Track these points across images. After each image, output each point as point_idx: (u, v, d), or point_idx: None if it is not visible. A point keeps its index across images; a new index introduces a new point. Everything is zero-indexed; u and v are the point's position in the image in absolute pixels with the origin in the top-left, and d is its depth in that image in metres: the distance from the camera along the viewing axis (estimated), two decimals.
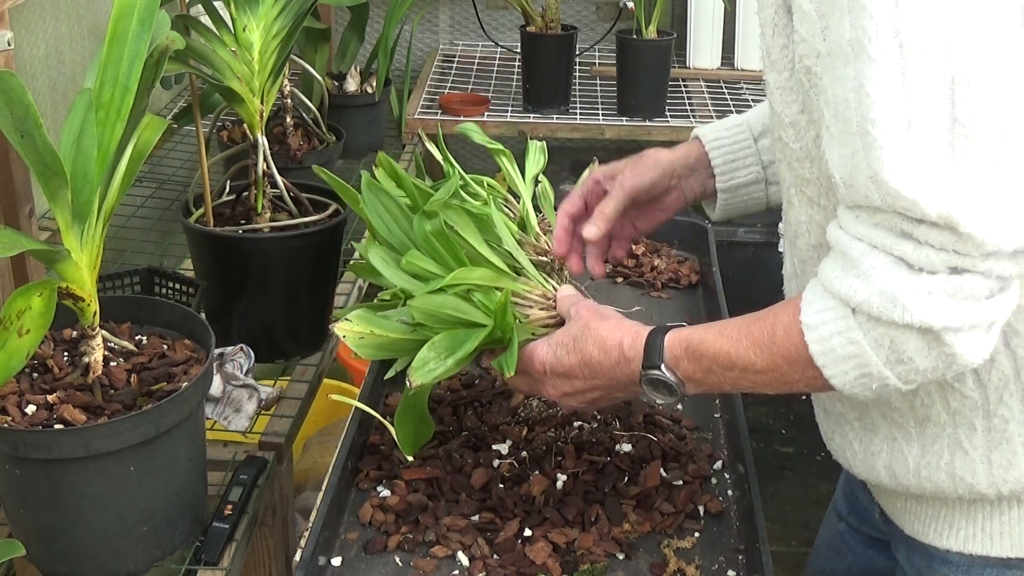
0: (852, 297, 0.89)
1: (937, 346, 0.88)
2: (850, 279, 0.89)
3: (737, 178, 1.26)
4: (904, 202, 0.83)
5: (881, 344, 0.89)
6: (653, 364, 1.05)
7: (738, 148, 1.26)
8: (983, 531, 1.05)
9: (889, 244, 0.87)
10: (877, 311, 0.87)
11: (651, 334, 1.06)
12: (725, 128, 1.28)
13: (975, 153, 0.82)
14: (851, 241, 0.90)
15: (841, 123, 0.86)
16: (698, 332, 1.04)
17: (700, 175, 1.28)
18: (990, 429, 1.00)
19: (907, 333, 0.87)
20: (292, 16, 1.44)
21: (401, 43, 2.66)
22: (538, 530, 1.18)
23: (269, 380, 1.58)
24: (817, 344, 0.92)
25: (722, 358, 1.00)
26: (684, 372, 1.04)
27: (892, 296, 0.86)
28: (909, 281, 0.86)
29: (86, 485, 1.08)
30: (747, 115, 1.29)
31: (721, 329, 1.02)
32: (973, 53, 0.81)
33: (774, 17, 0.96)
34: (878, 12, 0.82)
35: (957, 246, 0.84)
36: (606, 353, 1.08)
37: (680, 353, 1.04)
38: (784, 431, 3.10)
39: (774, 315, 0.97)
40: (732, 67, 2.99)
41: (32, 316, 0.99)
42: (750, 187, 1.27)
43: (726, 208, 1.29)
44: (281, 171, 1.52)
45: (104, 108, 1.05)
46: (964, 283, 0.85)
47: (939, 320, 0.86)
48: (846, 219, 0.91)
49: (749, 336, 0.98)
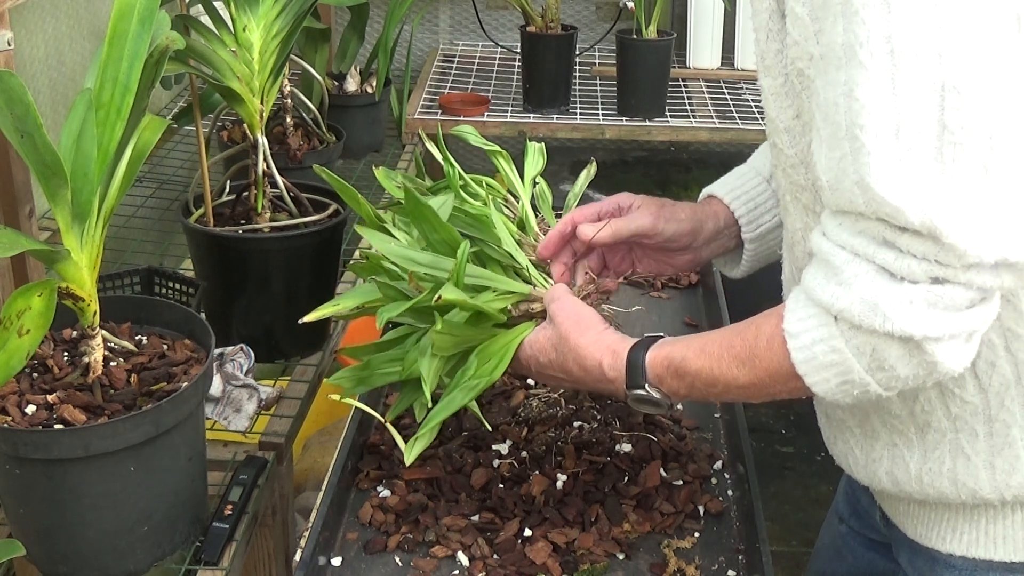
0: (834, 304, 0.89)
1: (918, 354, 0.88)
2: (832, 287, 0.89)
3: (764, 224, 1.23)
4: (888, 209, 0.83)
5: (863, 352, 0.89)
6: (637, 384, 1.05)
7: (756, 194, 1.23)
8: (986, 535, 1.05)
9: (871, 252, 0.87)
10: (859, 319, 0.88)
11: (631, 352, 1.06)
12: (736, 179, 1.25)
13: (963, 161, 0.82)
14: (834, 248, 0.90)
15: (830, 127, 0.86)
16: (680, 349, 1.03)
17: (723, 239, 1.24)
18: (992, 434, 1.00)
19: (888, 341, 0.88)
20: (292, 16, 1.43)
21: (401, 43, 2.66)
22: (538, 530, 1.18)
23: (269, 380, 1.58)
24: (799, 352, 0.92)
25: (704, 375, 1.01)
26: (668, 388, 1.04)
27: (874, 304, 0.87)
28: (891, 290, 0.86)
29: (86, 485, 1.08)
30: (751, 161, 1.27)
31: (703, 345, 1.02)
32: (964, 60, 0.81)
33: (768, 22, 0.96)
34: (870, 18, 0.82)
35: (939, 256, 0.84)
36: (586, 372, 1.08)
37: (662, 372, 1.04)
38: (784, 431, 3.10)
39: (756, 327, 0.97)
40: (732, 67, 2.99)
41: (32, 316, 0.99)
42: (777, 230, 1.22)
43: (754, 258, 1.25)
44: (281, 171, 1.52)
45: (104, 108, 1.05)
46: (945, 293, 0.85)
47: (920, 329, 0.86)
48: (829, 226, 0.91)
49: (731, 351, 0.98)
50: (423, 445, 1.15)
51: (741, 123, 2.62)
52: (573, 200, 1.48)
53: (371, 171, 1.41)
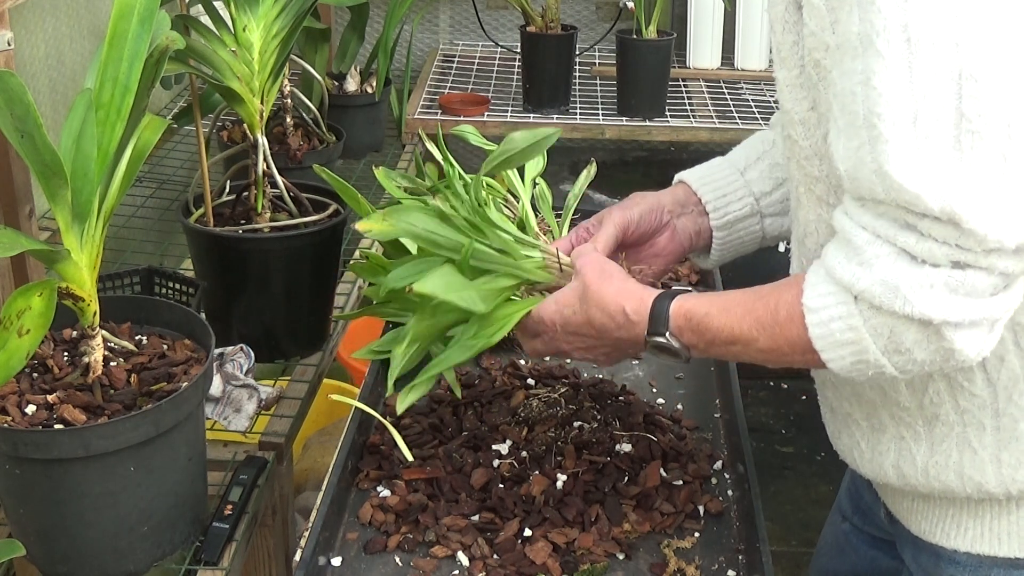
0: (854, 284, 0.89)
1: (936, 339, 0.88)
2: (853, 266, 0.90)
3: (731, 212, 1.24)
4: (907, 196, 0.84)
5: (880, 333, 0.89)
6: (658, 331, 1.05)
7: (726, 183, 1.25)
8: (991, 531, 1.05)
9: (893, 235, 0.87)
10: (878, 300, 0.88)
11: (656, 300, 1.07)
12: (707, 168, 1.28)
13: (981, 149, 0.82)
14: (855, 229, 0.90)
15: (848, 116, 0.87)
16: (704, 304, 1.04)
17: (692, 213, 1.26)
18: (999, 428, 1.00)
19: (907, 324, 0.88)
20: (292, 16, 1.43)
21: (401, 43, 2.66)
22: (538, 530, 1.18)
23: (269, 380, 1.58)
24: (817, 327, 0.93)
25: (725, 333, 1.01)
26: (688, 341, 1.05)
27: (894, 286, 0.87)
28: (911, 273, 0.86)
29: (86, 485, 1.08)
30: (728, 155, 1.29)
31: (726, 303, 1.02)
32: (981, 48, 0.81)
33: (784, 14, 0.96)
34: (887, 7, 0.82)
35: (960, 241, 0.84)
36: (610, 317, 1.09)
37: (683, 324, 1.04)
38: (784, 431, 3.09)
39: (778, 295, 0.98)
40: (732, 67, 2.99)
41: (32, 316, 0.99)
42: (746, 220, 1.25)
43: (723, 248, 1.27)
44: (281, 171, 1.52)
45: (104, 108, 1.05)
46: (966, 278, 0.85)
47: (939, 314, 0.86)
48: (851, 207, 0.91)
49: (752, 314, 0.99)
50: (418, 395, 1.16)
51: (741, 123, 2.62)
52: (573, 200, 1.48)
53: (371, 171, 1.41)
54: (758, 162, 1.25)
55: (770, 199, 1.24)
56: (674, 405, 1.45)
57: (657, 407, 1.43)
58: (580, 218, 1.51)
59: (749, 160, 1.26)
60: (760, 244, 1.28)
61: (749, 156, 1.26)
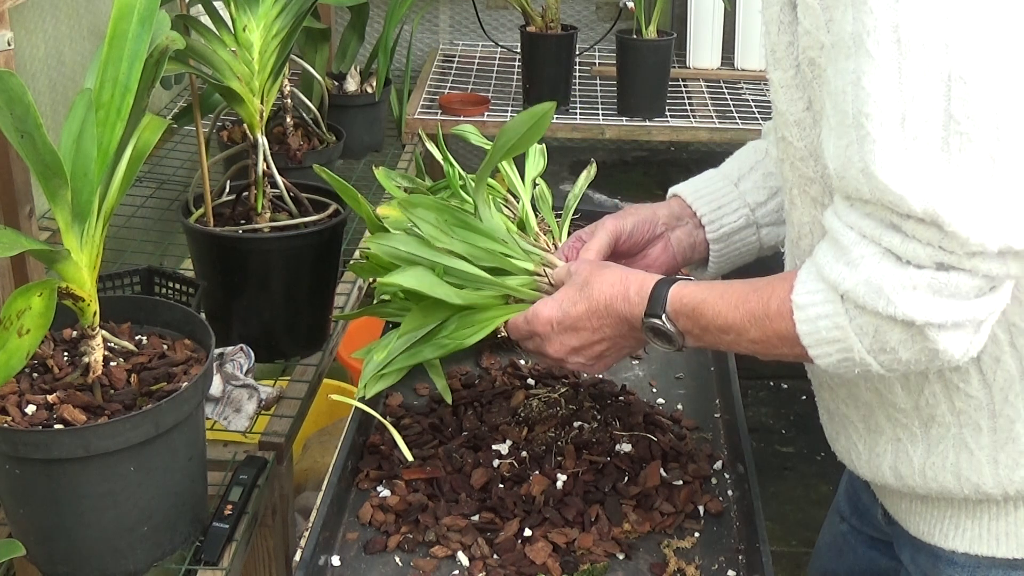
0: (840, 284, 0.90)
1: (920, 340, 0.88)
2: (840, 266, 0.90)
3: (727, 224, 1.25)
4: (891, 196, 0.84)
5: (865, 332, 0.90)
6: (655, 313, 1.06)
7: (720, 196, 1.26)
8: (989, 532, 1.05)
9: (878, 235, 0.88)
10: (863, 300, 0.88)
11: (658, 283, 1.08)
12: (701, 180, 1.28)
13: (969, 151, 0.82)
14: (843, 228, 0.90)
15: (839, 115, 0.87)
16: (701, 291, 1.05)
17: (687, 226, 1.26)
18: (996, 429, 1.00)
19: (890, 324, 0.88)
20: (292, 16, 1.43)
21: (401, 43, 2.66)
22: (538, 530, 1.18)
23: (269, 380, 1.58)
24: (804, 324, 0.94)
25: (719, 321, 1.02)
26: (683, 326, 1.06)
27: (878, 287, 0.87)
28: (895, 273, 0.87)
29: (86, 485, 1.08)
30: (720, 167, 1.29)
31: (722, 292, 1.03)
32: (971, 50, 0.81)
33: (779, 14, 0.97)
34: (878, 7, 0.82)
35: (943, 243, 0.84)
36: (612, 295, 1.10)
37: (680, 308, 1.05)
38: (784, 431, 3.10)
39: (772, 287, 0.99)
40: (732, 67, 2.99)
41: (32, 316, 0.99)
42: (742, 232, 1.25)
43: (720, 260, 1.27)
44: (281, 171, 1.52)
45: (104, 108, 1.05)
46: (950, 280, 0.86)
47: (922, 315, 0.86)
48: (841, 206, 0.92)
49: (746, 305, 1.00)
50: (386, 383, 1.21)
51: (741, 123, 2.62)
52: (573, 200, 1.48)
53: (371, 171, 1.41)
54: (751, 172, 1.26)
55: (765, 209, 1.25)
56: (674, 405, 1.45)
57: (657, 407, 1.43)
58: (580, 218, 1.52)
59: (742, 171, 1.26)
60: (758, 254, 1.29)
61: (742, 167, 1.27)
